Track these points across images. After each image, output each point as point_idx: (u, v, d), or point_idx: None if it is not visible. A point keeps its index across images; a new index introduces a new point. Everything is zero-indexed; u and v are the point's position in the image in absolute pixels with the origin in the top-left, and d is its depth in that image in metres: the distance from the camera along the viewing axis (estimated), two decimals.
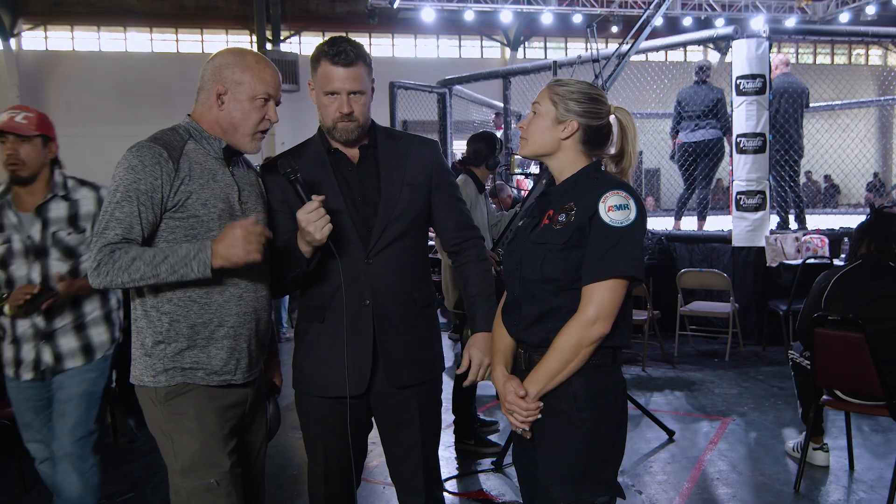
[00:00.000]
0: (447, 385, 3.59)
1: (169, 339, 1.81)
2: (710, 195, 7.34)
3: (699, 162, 6.98)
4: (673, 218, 7.54)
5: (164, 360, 1.82)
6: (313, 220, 1.79)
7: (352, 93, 1.90)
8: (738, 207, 6.20)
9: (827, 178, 12.73)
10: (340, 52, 1.87)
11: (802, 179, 12.70)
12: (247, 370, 1.91)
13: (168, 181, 1.76)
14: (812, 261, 5.77)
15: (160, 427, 1.86)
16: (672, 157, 7.40)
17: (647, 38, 5.89)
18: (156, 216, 1.78)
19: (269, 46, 15.17)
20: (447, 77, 8.91)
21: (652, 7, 6.00)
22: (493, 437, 4.01)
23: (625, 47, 5.61)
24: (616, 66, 5.42)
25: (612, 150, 1.82)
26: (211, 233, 1.81)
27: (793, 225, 6.73)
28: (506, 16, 14.11)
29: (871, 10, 13.19)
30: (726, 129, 6.80)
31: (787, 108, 6.43)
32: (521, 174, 7.17)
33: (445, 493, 2.48)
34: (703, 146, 6.95)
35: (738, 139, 6.17)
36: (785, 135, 6.46)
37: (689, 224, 7.39)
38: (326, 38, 1.93)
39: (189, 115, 1.92)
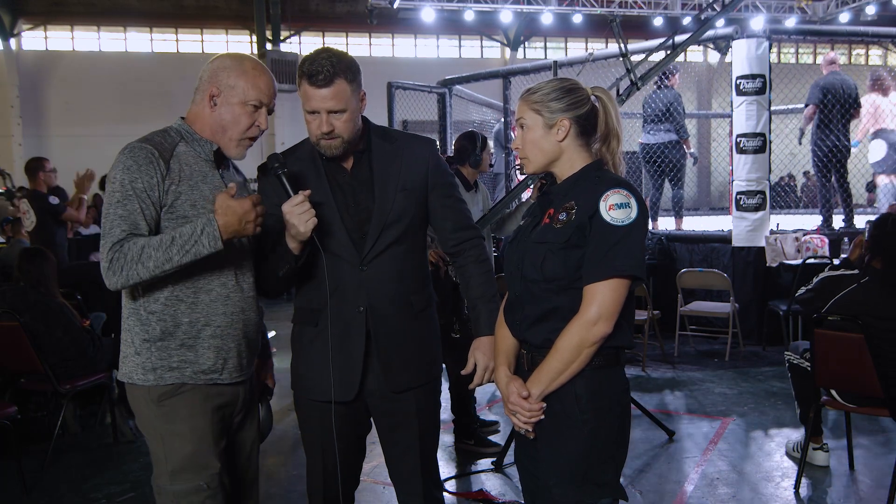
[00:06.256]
0: (446, 385, 3.58)
1: (156, 338, 1.82)
2: (683, 195, 7.51)
3: (663, 164, 7.13)
4: (669, 217, 7.60)
5: (153, 358, 1.82)
6: (297, 213, 1.80)
7: (332, 112, 1.87)
8: (738, 207, 6.20)
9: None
10: (316, 73, 1.83)
11: (802, 180, 12.75)
12: (235, 370, 1.91)
13: (161, 181, 1.78)
14: (812, 261, 5.76)
15: (151, 427, 1.86)
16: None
17: (646, 39, 5.87)
18: (157, 213, 1.79)
19: (269, 46, 15.13)
20: (447, 77, 8.90)
21: (717, 4, 5.92)
22: (493, 437, 4.01)
23: (681, 37, 5.50)
24: (662, 62, 5.34)
25: (597, 133, 1.79)
26: None
27: (839, 224, 6.65)
28: (506, 16, 14.05)
29: (871, 10, 13.15)
30: (679, 132, 7.03)
31: (833, 106, 6.37)
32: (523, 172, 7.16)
33: (445, 493, 2.48)
34: (662, 148, 7.12)
35: (738, 139, 6.17)
36: (830, 135, 6.41)
37: (674, 223, 7.46)
38: (308, 53, 1.89)
39: (183, 117, 1.92)
